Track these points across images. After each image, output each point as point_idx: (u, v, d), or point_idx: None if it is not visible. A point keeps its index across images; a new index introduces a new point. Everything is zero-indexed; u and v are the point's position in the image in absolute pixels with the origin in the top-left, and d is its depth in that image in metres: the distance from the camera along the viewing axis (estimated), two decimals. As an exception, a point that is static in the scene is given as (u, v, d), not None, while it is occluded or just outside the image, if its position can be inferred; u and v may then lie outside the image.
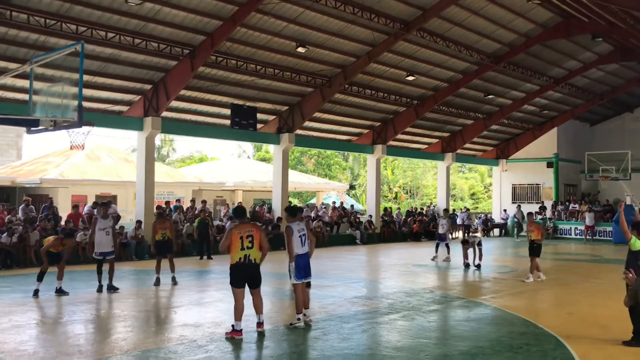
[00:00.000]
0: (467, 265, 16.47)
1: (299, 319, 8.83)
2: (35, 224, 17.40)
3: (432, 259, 18.31)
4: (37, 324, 8.93)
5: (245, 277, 8.17)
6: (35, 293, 11.12)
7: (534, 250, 14.17)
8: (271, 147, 29.44)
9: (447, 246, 18.58)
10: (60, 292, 11.35)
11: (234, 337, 8.00)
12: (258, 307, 8.34)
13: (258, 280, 8.30)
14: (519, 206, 31.80)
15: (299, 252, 8.93)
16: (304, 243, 9.01)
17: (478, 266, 16.31)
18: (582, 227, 29.46)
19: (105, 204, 12.78)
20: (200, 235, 19.06)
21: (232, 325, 8.13)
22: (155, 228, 13.22)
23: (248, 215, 8.83)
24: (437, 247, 18.63)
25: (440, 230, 18.72)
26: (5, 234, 16.00)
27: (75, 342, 7.80)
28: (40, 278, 11.23)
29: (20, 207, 18.54)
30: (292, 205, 11.72)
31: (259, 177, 33.53)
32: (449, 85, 25.63)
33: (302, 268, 8.95)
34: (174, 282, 12.88)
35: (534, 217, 16.66)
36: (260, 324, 8.34)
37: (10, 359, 6.89)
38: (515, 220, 30.81)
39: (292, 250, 8.85)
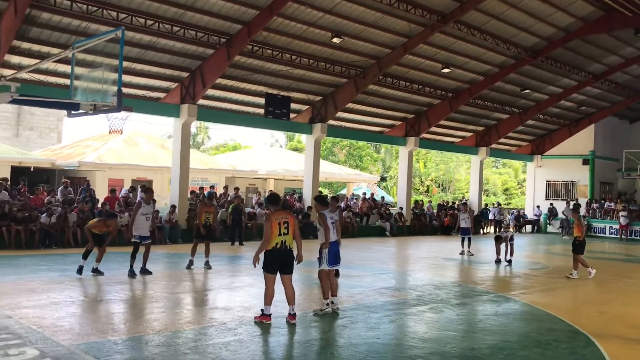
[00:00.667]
0: (498, 261, 16.34)
1: (327, 305, 8.94)
2: (73, 205, 17.87)
3: (461, 254, 18.26)
4: (73, 301, 9.23)
5: (280, 262, 8.22)
6: (79, 270, 11.48)
7: (576, 247, 14.03)
8: (303, 137, 29.60)
9: (469, 240, 18.41)
10: (96, 271, 11.68)
11: (263, 321, 8.12)
12: (290, 299, 8.31)
13: (291, 267, 8.38)
14: (568, 203, 30.81)
15: (331, 239, 9.09)
16: (335, 231, 9.17)
17: (509, 262, 16.18)
18: (617, 226, 28.90)
19: (150, 189, 12.97)
20: (233, 222, 19.34)
21: (262, 310, 8.25)
22: (200, 211, 13.44)
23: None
24: (462, 241, 18.57)
25: (463, 225, 18.56)
26: (44, 215, 16.49)
27: (109, 321, 8.04)
28: (85, 256, 11.60)
29: (59, 189, 19.04)
30: (322, 194, 11.74)
31: (291, 167, 33.73)
32: (484, 79, 25.34)
33: (333, 255, 9.08)
34: (208, 266, 13.09)
35: (578, 213, 16.29)
36: (292, 316, 8.25)
37: (48, 333, 7.15)
38: (564, 217, 30.08)
39: (329, 236, 8.92)
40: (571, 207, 19.75)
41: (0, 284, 10.51)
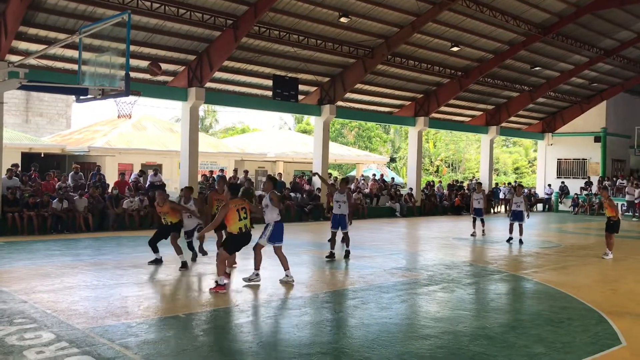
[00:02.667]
0: (509, 240, 16.32)
1: (256, 275, 9.83)
2: (84, 190, 17.96)
3: (472, 235, 18.00)
4: (87, 285, 9.30)
5: (242, 245, 9.46)
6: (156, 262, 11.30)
7: (610, 227, 14.01)
8: (312, 119, 29.51)
9: (482, 221, 18.06)
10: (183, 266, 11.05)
11: (218, 291, 8.82)
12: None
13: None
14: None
15: (336, 212, 12.41)
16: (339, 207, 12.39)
17: (520, 241, 16.15)
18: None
19: (189, 188, 12.14)
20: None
21: (216, 281, 9.09)
22: (212, 199, 11.78)
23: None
24: (474, 222, 18.21)
25: (476, 205, 18.16)
26: (56, 200, 16.59)
27: (123, 304, 8.10)
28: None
29: (70, 174, 19.14)
30: (271, 176, 11.73)
31: (300, 149, 33.70)
32: (494, 57, 25.08)
33: (277, 233, 9.87)
34: (203, 252, 12.39)
35: (607, 192, 16.07)
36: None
37: (62, 317, 7.22)
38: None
39: (273, 216, 9.74)
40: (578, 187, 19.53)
41: (15, 269, 10.61)
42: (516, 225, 16.49)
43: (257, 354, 6.09)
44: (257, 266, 9.80)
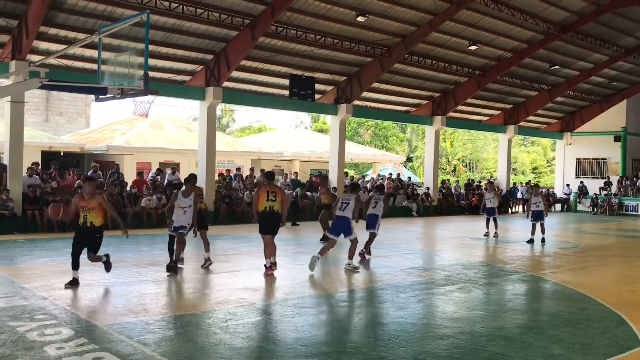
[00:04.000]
0: (531, 241, 16.14)
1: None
2: (102, 189, 18.12)
3: (485, 235, 17.63)
4: (105, 283, 9.40)
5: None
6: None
7: None
8: (328, 118, 29.49)
9: (495, 221, 17.62)
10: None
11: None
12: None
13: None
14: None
15: (338, 214, 11.01)
16: (343, 209, 10.97)
17: (542, 240, 16.05)
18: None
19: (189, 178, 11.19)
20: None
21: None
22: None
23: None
24: (487, 222, 17.80)
25: (488, 205, 17.76)
26: (73, 198, 16.74)
27: (141, 301, 8.17)
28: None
29: (89, 173, 19.33)
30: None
31: (316, 148, 33.72)
32: (513, 55, 24.88)
33: (335, 227, 11.00)
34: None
35: None
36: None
37: (82, 314, 7.31)
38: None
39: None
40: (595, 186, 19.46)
41: (35, 267, 10.76)
42: (537, 225, 16.36)
43: (273, 352, 6.11)
44: (350, 256, 11.00)
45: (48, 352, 5.80)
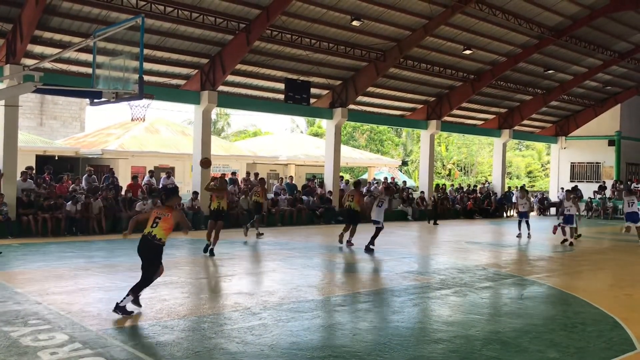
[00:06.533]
0: (564, 242, 17.10)
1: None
2: (97, 193, 18.08)
3: (517, 236, 18.69)
4: (100, 287, 9.36)
5: None
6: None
7: None
8: (324, 122, 29.53)
9: (527, 223, 18.92)
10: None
11: None
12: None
13: None
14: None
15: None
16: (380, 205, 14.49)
17: (570, 244, 16.87)
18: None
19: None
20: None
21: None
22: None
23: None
24: (519, 224, 19.11)
25: (521, 209, 19.28)
26: (69, 202, 16.71)
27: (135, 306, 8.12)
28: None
29: (84, 177, 19.26)
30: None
31: (312, 152, 33.72)
32: (507, 60, 24.98)
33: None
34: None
35: None
36: None
37: (76, 318, 7.27)
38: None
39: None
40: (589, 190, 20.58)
41: (29, 271, 10.70)
42: (567, 228, 17.29)
43: (268, 357, 6.09)
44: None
45: (42, 358, 5.76)
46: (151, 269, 7.82)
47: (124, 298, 7.55)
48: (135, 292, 7.69)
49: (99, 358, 5.80)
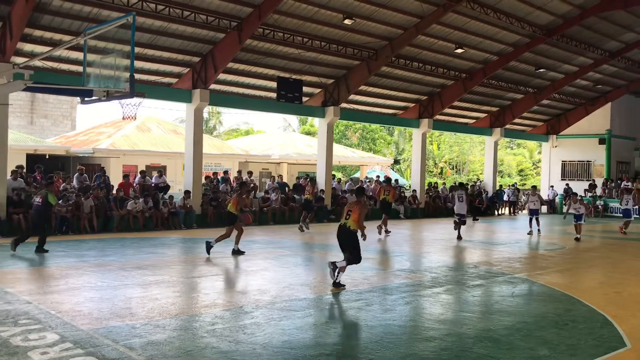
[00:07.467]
0: (577, 238, 17.79)
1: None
2: (88, 192, 17.99)
3: (528, 233, 19.19)
4: (91, 287, 9.32)
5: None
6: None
7: None
8: (316, 121, 29.52)
9: (538, 220, 19.53)
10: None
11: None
12: None
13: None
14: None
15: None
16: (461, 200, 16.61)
17: (577, 239, 17.69)
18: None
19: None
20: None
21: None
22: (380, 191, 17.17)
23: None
24: (530, 221, 19.63)
25: (531, 207, 19.91)
26: (60, 201, 16.61)
27: (127, 305, 8.11)
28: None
29: (75, 176, 19.16)
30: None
31: (304, 150, 33.73)
32: (499, 59, 25.05)
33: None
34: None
35: None
36: None
37: (67, 318, 7.24)
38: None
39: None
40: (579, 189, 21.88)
41: (19, 270, 10.64)
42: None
43: (260, 356, 6.08)
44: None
45: (32, 357, 5.74)
46: (355, 252, 9.58)
47: (338, 275, 9.37)
48: (343, 270, 9.47)
49: (90, 357, 5.78)
